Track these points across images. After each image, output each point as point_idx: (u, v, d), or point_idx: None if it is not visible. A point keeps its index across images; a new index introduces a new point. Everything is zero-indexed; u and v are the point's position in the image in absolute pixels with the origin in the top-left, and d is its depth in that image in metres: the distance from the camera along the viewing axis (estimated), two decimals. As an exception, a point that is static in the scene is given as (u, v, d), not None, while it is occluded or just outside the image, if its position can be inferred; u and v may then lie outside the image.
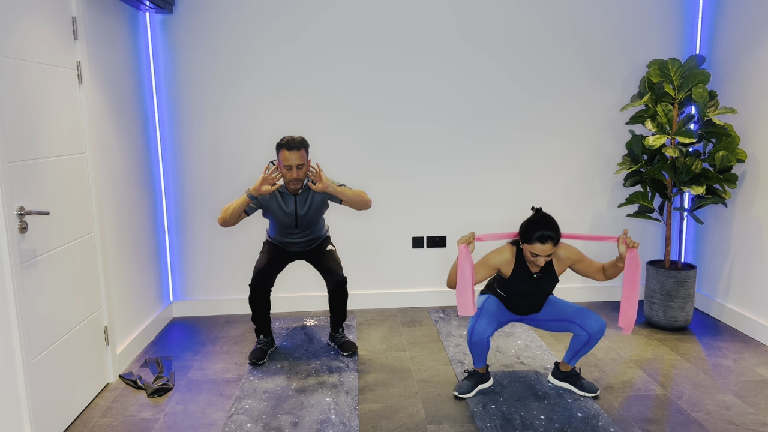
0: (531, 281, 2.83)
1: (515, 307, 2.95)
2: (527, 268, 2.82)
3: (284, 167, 3.08)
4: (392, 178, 4.16)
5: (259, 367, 3.30)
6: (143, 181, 3.73)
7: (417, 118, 4.10)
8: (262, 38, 3.93)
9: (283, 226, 3.29)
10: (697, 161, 3.53)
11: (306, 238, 3.36)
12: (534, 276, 2.83)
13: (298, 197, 3.21)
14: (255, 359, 3.32)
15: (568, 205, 4.27)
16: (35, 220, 2.48)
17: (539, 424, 2.67)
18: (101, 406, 2.91)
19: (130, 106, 3.55)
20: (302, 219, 3.25)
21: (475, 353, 2.92)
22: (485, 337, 2.82)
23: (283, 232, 3.33)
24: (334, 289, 3.37)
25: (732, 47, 3.82)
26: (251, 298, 3.36)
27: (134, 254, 3.56)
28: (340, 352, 3.45)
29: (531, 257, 2.72)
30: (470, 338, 2.86)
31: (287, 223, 3.26)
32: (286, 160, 3.06)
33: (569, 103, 4.14)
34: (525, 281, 2.83)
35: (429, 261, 4.29)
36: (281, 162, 3.09)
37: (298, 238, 3.34)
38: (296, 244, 3.38)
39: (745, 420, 2.69)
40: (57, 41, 2.72)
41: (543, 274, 2.84)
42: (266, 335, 3.48)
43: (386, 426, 2.68)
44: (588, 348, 2.89)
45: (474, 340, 2.84)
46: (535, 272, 2.83)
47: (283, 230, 3.32)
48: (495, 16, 4.02)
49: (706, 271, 4.12)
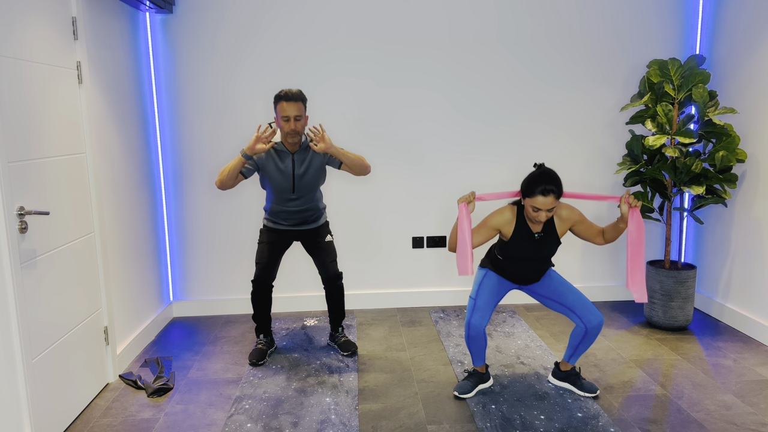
0: (532, 242, 2.78)
1: (515, 273, 2.89)
2: (528, 228, 2.78)
3: (282, 119, 3.04)
4: (392, 178, 4.16)
5: (259, 367, 3.31)
6: (143, 181, 3.73)
7: (416, 119, 4.10)
8: (261, 38, 3.93)
9: (279, 191, 3.18)
10: (697, 161, 3.53)
11: (303, 207, 3.23)
12: (535, 236, 2.78)
13: (296, 156, 3.14)
14: (255, 359, 3.32)
15: (568, 205, 4.26)
16: (35, 220, 2.48)
17: (539, 424, 2.67)
18: (101, 406, 2.91)
19: (130, 106, 3.55)
20: (300, 181, 3.16)
21: (473, 349, 2.91)
22: (481, 330, 2.82)
23: (280, 198, 3.20)
24: (328, 284, 3.38)
25: (732, 47, 3.82)
26: (254, 293, 3.36)
27: (134, 254, 3.56)
28: (340, 352, 3.45)
29: (533, 212, 2.67)
30: (467, 333, 2.86)
31: (284, 186, 3.16)
32: (284, 111, 3.02)
33: (569, 103, 4.14)
34: (526, 242, 2.78)
35: (429, 261, 4.29)
36: (279, 114, 3.05)
37: (295, 206, 3.22)
38: (293, 215, 3.24)
39: (745, 420, 2.69)
40: (57, 41, 2.72)
41: (544, 235, 2.79)
42: (266, 335, 3.48)
43: (386, 426, 2.69)
44: (586, 343, 2.87)
45: (472, 334, 2.84)
46: (537, 232, 2.78)
47: (280, 196, 3.20)
48: (494, 15, 4.02)
49: (706, 271, 4.12)
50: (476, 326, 2.82)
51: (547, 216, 2.66)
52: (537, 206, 2.63)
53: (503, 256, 2.87)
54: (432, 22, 4.00)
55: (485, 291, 2.89)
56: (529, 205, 2.66)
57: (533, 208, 2.65)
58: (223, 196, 4.07)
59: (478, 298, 2.88)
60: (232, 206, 4.10)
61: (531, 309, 4.22)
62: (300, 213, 3.26)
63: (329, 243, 3.38)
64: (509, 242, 2.81)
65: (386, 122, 4.09)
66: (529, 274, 2.91)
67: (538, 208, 2.63)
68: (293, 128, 3.04)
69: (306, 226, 3.32)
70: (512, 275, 2.92)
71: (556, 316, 4.06)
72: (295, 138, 3.08)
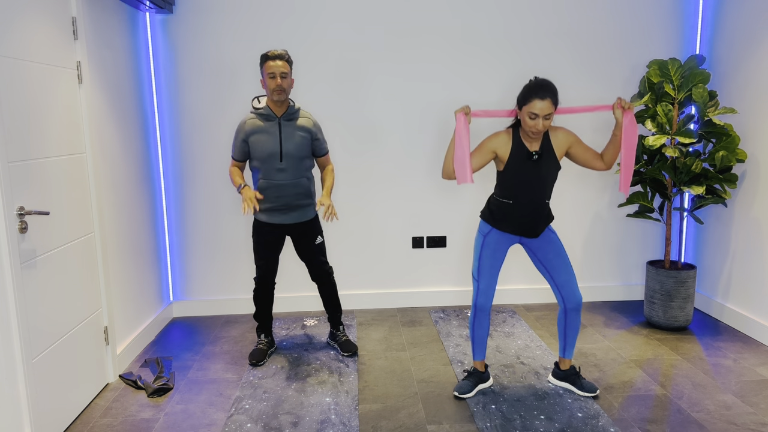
0: (530, 163, 2.71)
1: (517, 215, 2.78)
2: (525, 148, 2.71)
3: (268, 76, 3.08)
4: (393, 178, 4.16)
5: (259, 367, 3.31)
6: (143, 181, 3.73)
7: (417, 119, 4.10)
8: (261, 38, 3.93)
9: (267, 157, 3.13)
10: (697, 161, 3.54)
11: (292, 181, 3.17)
12: (533, 156, 2.70)
13: (282, 120, 3.16)
14: (255, 360, 3.32)
15: (568, 205, 4.27)
16: (35, 220, 2.48)
17: (539, 424, 2.67)
18: (101, 406, 2.91)
19: (130, 106, 3.55)
20: (287, 143, 3.14)
21: (477, 335, 2.93)
22: (487, 310, 2.89)
23: (269, 168, 3.15)
24: (319, 280, 3.41)
25: (732, 47, 3.82)
26: (257, 290, 3.37)
27: (134, 254, 3.56)
28: (341, 352, 3.45)
29: (530, 121, 2.61)
30: (473, 315, 2.91)
31: (271, 149, 3.12)
32: (270, 69, 3.06)
33: (569, 103, 4.14)
34: (524, 163, 2.71)
35: (429, 261, 4.29)
36: (265, 72, 3.09)
37: (284, 178, 3.16)
38: (283, 192, 3.17)
39: (745, 420, 2.69)
40: (57, 41, 2.72)
41: (542, 154, 2.72)
42: (267, 335, 3.48)
43: (386, 426, 2.69)
44: (572, 328, 2.92)
45: (478, 315, 2.89)
46: (534, 151, 2.71)
47: (268, 165, 3.14)
48: (495, 15, 4.02)
49: (706, 271, 4.13)
50: (482, 307, 2.88)
51: (544, 126, 2.61)
52: (534, 112, 2.58)
53: (503, 189, 2.79)
54: (432, 21, 4.00)
55: (486, 265, 2.85)
56: (526, 113, 2.61)
57: (530, 115, 2.60)
58: (223, 196, 4.07)
59: (481, 279, 2.87)
60: (233, 206, 4.10)
61: (531, 309, 4.22)
62: (289, 188, 3.18)
63: (319, 245, 3.35)
64: (507, 166, 2.74)
65: (387, 123, 4.10)
66: (531, 216, 2.79)
67: (536, 114, 2.58)
68: (279, 84, 3.06)
69: (296, 216, 3.25)
70: (513, 221, 2.80)
71: (557, 316, 4.06)
72: (282, 96, 3.09)
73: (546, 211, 2.82)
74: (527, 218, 2.79)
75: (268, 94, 3.12)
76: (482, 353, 2.98)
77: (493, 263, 2.86)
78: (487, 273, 2.85)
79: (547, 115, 2.60)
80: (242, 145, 3.18)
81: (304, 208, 3.27)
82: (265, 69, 3.09)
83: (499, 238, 2.85)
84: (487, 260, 2.85)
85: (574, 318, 2.90)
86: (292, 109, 3.18)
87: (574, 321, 2.91)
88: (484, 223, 2.88)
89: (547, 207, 2.82)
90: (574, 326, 2.92)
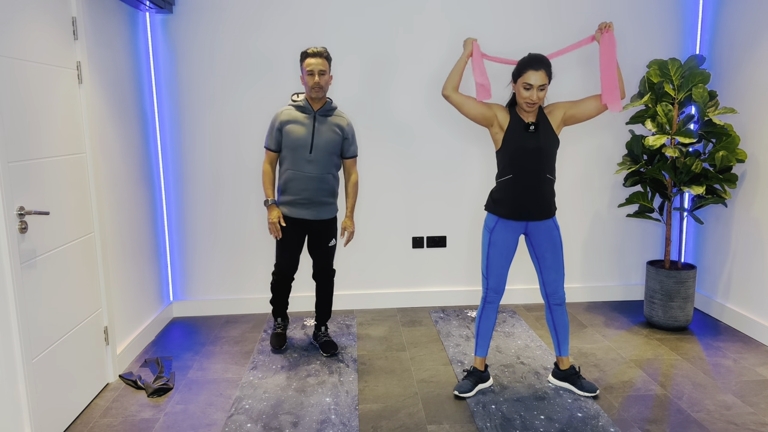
0: (528, 135, 2.75)
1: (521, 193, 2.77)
2: (522, 120, 2.77)
3: (307, 73, 3.16)
4: (393, 178, 4.16)
5: (261, 366, 3.31)
6: (143, 181, 3.73)
7: (417, 119, 4.10)
8: (261, 38, 3.93)
9: (298, 146, 3.19)
10: (697, 161, 3.54)
11: (318, 174, 3.22)
12: (530, 127, 2.74)
13: (318, 115, 3.23)
14: (278, 345, 3.45)
15: (568, 205, 4.27)
16: (35, 220, 2.48)
17: (539, 424, 2.67)
18: (101, 406, 2.91)
19: (130, 106, 3.55)
20: (318, 138, 3.20)
21: (482, 329, 2.96)
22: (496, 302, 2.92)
23: (297, 158, 3.21)
24: (320, 277, 3.45)
25: (732, 47, 3.82)
26: (275, 282, 3.45)
27: (134, 254, 3.56)
28: (321, 352, 3.48)
29: (524, 92, 2.68)
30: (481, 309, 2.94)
31: (303, 140, 3.19)
32: (309, 66, 3.14)
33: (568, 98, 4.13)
34: (522, 134, 2.76)
35: (429, 261, 4.29)
36: (304, 69, 3.17)
37: (311, 171, 3.21)
38: (308, 184, 3.22)
39: (745, 420, 2.69)
40: (57, 41, 2.72)
41: (539, 126, 2.76)
42: (284, 318, 3.58)
43: (386, 426, 2.69)
44: (560, 325, 2.95)
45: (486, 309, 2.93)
46: (531, 122, 2.76)
47: (298, 155, 3.20)
48: (495, 15, 4.02)
49: (706, 271, 4.13)
50: (492, 300, 2.92)
51: (539, 98, 2.67)
52: (529, 82, 2.66)
53: (503, 166, 2.81)
54: (431, 20, 4.00)
55: (495, 264, 2.86)
56: (521, 84, 2.69)
57: (525, 86, 2.67)
58: (223, 196, 4.07)
59: (490, 277, 2.88)
60: (233, 206, 4.10)
61: (531, 309, 4.22)
62: (315, 181, 3.23)
63: (332, 247, 3.43)
64: (505, 137, 2.78)
65: (388, 124, 4.10)
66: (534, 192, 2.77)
67: (530, 85, 2.66)
68: (317, 81, 3.14)
69: (317, 212, 3.29)
70: (516, 199, 2.78)
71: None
72: (320, 93, 3.18)
73: (549, 188, 2.80)
74: (530, 194, 2.78)
75: (307, 90, 3.21)
76: (484, 349, 2.99)
77: (501, 262, 2.86)
78: (497, 271, 2.87)
79: (542, 86, 2.66)
80: (276, 134, 3.26)
81: (326, 206, 3.32)
82: (304, 66, 3.17)
83: (506, 232, 2.83)
84: (495, 258, 2.85)
85: (559, 313, 2.93)
86: (329, 105, 3.26)
87: (561, 316, 2.94)
88: (490, 216, 2.88)
89: (550, 184, 2.80)
90: (562, 321, 2.95)
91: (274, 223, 3.27)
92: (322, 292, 3.50)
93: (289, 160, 3.24)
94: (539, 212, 2.80)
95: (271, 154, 3.32)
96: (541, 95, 2.68)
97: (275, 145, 3.28)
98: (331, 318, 4.05)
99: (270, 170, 3.33)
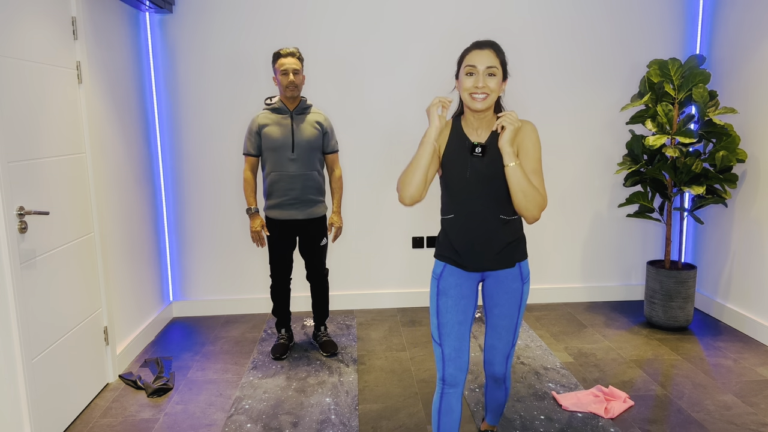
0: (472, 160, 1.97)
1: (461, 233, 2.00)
2: (466, 139, 2.00)
3: (281, 73, 3.16)
4: (393, 178, 4.16)
5: (261, 366, 3.31)
6: (143, 181, 3.73)
7: (417, 119, 4.10)
8: (261, 38, 3.93)
9: (279, 147, 3.17)
10: (697, 161, 3.53)
11: (303, 172, 3.20)
12: (476, 149, 1.95)
13: (294, 114, 3.23)
14: (278, 354, 3.41)
15: (568, 205, 4.27)
16: (35, 220, 2.48)
17: (539, 424, 2.67)
18: (101, 406, 2.91)
19: (130, 106, 3.55)
20: (298, 136, 3.19)
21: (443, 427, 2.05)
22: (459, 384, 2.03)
23: (280, 159, 3.19)
24: (314, 279, 3.44)
25: (732, 47, 3.82)
26: (273, 288, 3.44)
27: (134, 254, 3.56)
28: (321, 352, 3.48)
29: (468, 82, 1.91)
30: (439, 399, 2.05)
31: (283, 141, 3.17)
32: (282, 66, 3.15)
33: (569, 103, 4.14)
34: (465, 157, 1.98)
35: (429, 261, 4.29)
36: (278, 70, 3.17)
37: (295, 169, 3.19)
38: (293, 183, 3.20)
39: (745, 420, 2.69)
40: (57, 41, 2.72)
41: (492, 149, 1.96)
42: (287, 330, 3.56)
43: (386, 426, 2.69)
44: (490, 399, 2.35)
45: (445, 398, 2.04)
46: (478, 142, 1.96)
47: (280, 156, 3.18)
48: (494, 15, 4.02)
49: (706, 271, 4.12)
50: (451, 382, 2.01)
51: (487, 86, 1.89)
52: (472, 63, 1.90)
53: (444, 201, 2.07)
54: (431, 21, 4.00)
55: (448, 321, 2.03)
56: (464, 71, 1.93)
57: (468, 71, 1.91)
58: (223, 197, 4.07)
59: (444, 342, 2.03)
60: (232, 206, 4.10)
61: (531, 309, 4.22)
62: (300, 180, 3.21)
63: (323, 246, 3.42)
64: (444, 156, 2.02)
65: (387, 124, 4.10)
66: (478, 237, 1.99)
67: (473, 67, 1.89)
68: (292, 80, 3.15)
69: (306, 211, 3.27)
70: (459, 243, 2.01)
71: (556, 316, 4.06)
72: (295, 92, 3.18)
73: (502, 232, 2.00)
74: (479, 237, 1.99)
75: (281, 90, 3.20)
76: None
77: (457, 317, 2.02)
78: (452, 331, 2.01)
79: (491, 71, 1.89)
80: (255, 138, 3.25)
81: (315, 204, 3.31)
82: (277, 66, 3.17)
83: (458, 279, 2.05)
84: (447, 313, 2.02)
85: (493, 387, 2.26)
86: (304, 103, 3.27)
87: (494, 391, 2.28)
88: (436, 261, 2.11)
89: (505, 226, 2.00)
90: (493, 396, 2.31)
91: (257, 231, 3.29)
92: (318, 293, 3.49)
93: (271, 162, 3.22)
94: (493, 260, 2.02)
95: (252, 160, 3.29)
96: (491, 84, 1.89)
97: (255, 150, 3.26)
98: (330, 318, 4.06)
99: (251, 178, 3.31)
